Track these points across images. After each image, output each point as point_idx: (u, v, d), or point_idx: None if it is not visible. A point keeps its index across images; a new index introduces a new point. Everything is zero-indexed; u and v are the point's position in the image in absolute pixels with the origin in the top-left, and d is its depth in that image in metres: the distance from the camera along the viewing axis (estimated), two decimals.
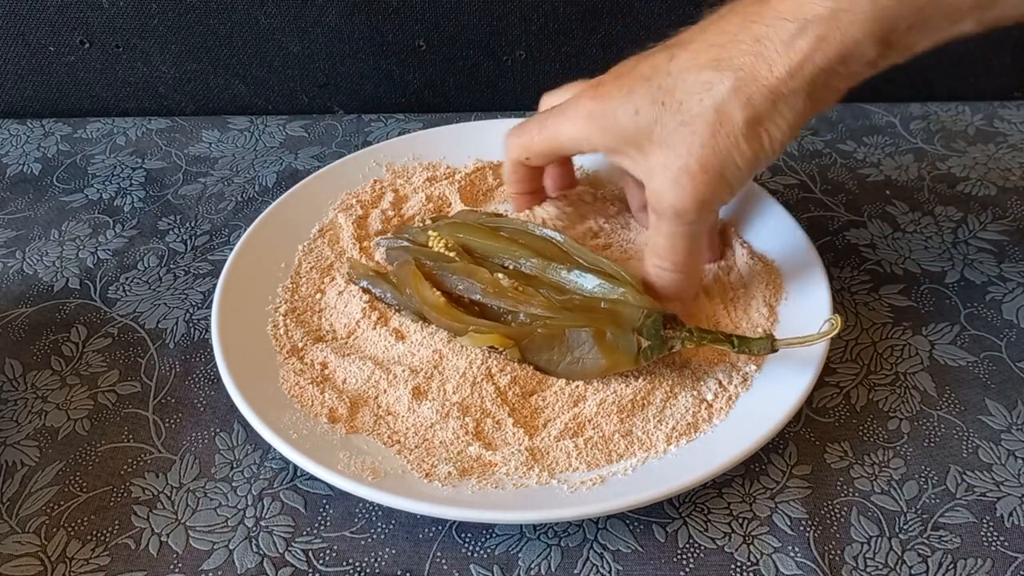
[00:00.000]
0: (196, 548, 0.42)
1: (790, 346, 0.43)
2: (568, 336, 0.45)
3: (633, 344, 0.44)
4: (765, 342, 0.43)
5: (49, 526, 0.43)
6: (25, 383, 0.50)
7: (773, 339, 0.43)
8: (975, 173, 0.64)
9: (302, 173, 0.66)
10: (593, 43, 0.70)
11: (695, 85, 0.40)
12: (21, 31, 0.70)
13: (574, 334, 0.45)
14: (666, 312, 0.45)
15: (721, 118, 0.40)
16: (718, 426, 0.44)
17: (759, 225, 0.55)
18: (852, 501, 0.43)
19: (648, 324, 0.44)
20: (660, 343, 0.44)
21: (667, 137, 0.42)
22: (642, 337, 0.44)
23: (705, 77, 0.40)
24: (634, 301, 0.45)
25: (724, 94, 0.40)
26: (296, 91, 0.74)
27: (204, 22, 0.70)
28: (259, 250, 0.54)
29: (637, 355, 0.44)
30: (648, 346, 0.44)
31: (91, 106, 0.74)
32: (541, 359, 0.46)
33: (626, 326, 0.44)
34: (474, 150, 0.62)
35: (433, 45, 0.71)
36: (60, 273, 0.58)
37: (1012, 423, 0.47)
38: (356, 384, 0.47)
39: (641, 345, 0.44)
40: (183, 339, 0.53)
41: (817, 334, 0.43)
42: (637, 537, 0.42)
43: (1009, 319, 0.52)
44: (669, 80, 0.41)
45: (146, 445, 0.47)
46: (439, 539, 0.42)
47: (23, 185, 0.66)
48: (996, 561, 0.40)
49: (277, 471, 0.45)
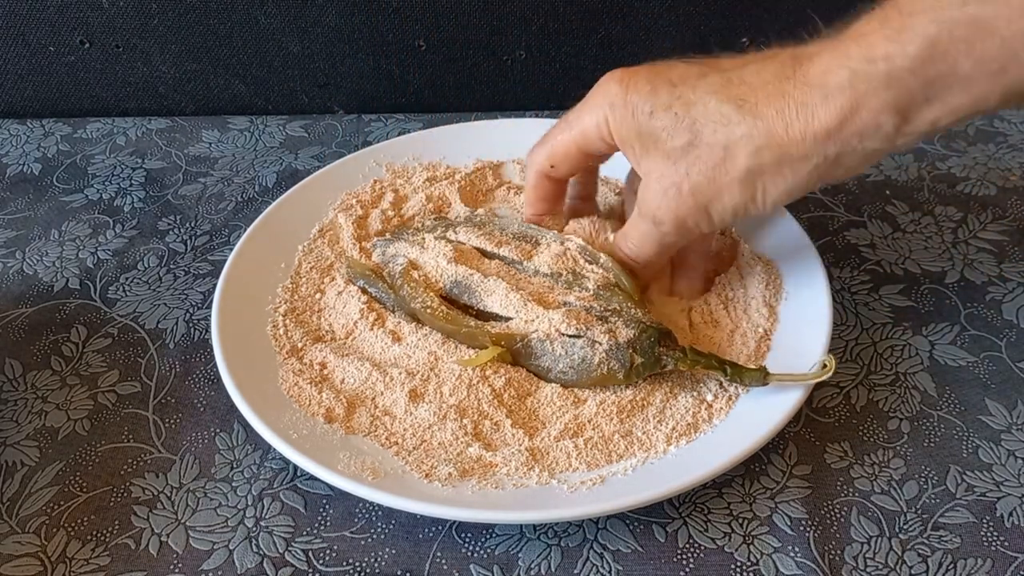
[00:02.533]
0: (196, 548, 0.42)
1: (781, 382, 0.44)
2: (561, 345, 0.45)
3: (626, 359, 0.44)
4: (758, 374, 0.43)
5: (49, 526, 0.43)
6: (25, 383, 0.50)
7: (766, 372, 0.43)
8: (975, 173, 0.64)
9: (302, 173, 0.66)
10: (593, 43, 0.70)
11: (714, 113, 0.41)
12: (21, 31, 0.70)
13: (567, 343, 0.45)
14: (661, 328, 0.45)
15: (726, 156, 0.40)
16: (718, 426, 0.44)
17: (759, 225, 0.55)
18: (852, 501, 0.43)
19: (643, 340, 0.44)
20: (653, 361, 0.44)
21: (672, 149, 0.42)
22: (635, 353, 0.44)
23: (726, 110, 0.40)
24: (631, 314, 0.45)
25: (737, 135, 0.40)
26: (296, 91, 0.74)
27: (204, 22, 0.70)
28: (259, 250, 0.54)
29: (629, 371, 0.44)
30: (641, 363, 0.44)
31: (91, 106, 0.74)
32: (531, 365, 0.46)
33: (621, 339, 0.44)
34: (474, 150, 0.62)
35: (433, 45, 0.71)
36: (60, 273, 0.58)
37: (1012, 423, 0.47)
38: (354, 384, 0.47)
39: (634, 361, 0.44)
40: (183, 339, 0.53)
41: (811, 374, 0.43)
42: (637, 537, 0.42)
43: (1009, 319, 0.52)
44: (692, 96, 0.41)
45: (146, 445, 0.47)
46: (439, 539, 0.42)
47: (23, 185, 0.66)
48: (996, 561, 0.40)
49: (277, 471, 0.45)
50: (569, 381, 0.45)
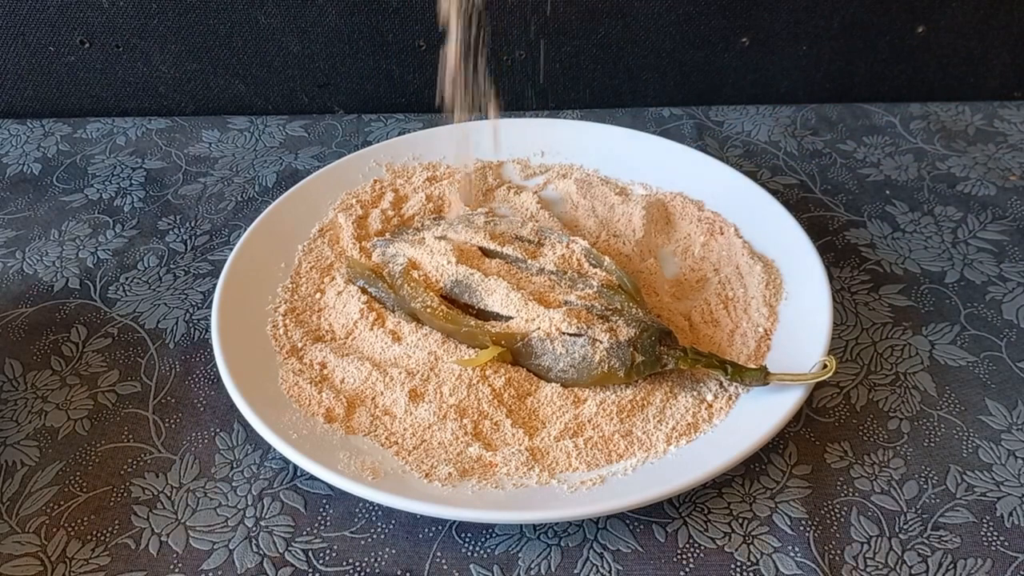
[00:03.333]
0: (196, 548, 0.42)
1: (782, 382, 0.44)
2: (562, 344, 0.45)
3: (627, 358, 0.44)
4: (758, 374, 0.44)
5: (49, 526, 0.43)
6: (25, 383, 0.50)
7: (767, 372, 0.43)
8: (975, 173, 0.64)
9: (302, 173, 0.66)
10: (593, 43, 0.70)
11: None
12: (21, 31, 0.70)
13: (568, 342, 0.45)
14: (662, 328, 0.45)
15: None
16: (718, 426, 0.44)
17: (759, 225, 0.55)
18: (852, 501, 0.43)
19: (644, 339, 0.44)
20: (653, 360, 0.44)
21: None
22: (636, 352, 0.44)
23: None
24: (632, 313, 0.45)
25: None
26: (296, 91, 0.74)
27: (204, 22, 0.70)
28: (259, 250, 0.54)
29: (630, 369, 0.44)
30: (641, 361, 0.44)
31: (91, 106, 0.74)
32: (532, 365, 0.46)
33: (622, 338, 0.44)
34: (474, 150, 0.62)
35: (433, 45, 0.71)
36: (60, 273, 0.58)
37: (1012, 423, 0.47)
38: (354, 384, 0.47)
39: (635, 360, 0.44)
40: (183, 339, 0.53)
41: (811, 374, 0.43)
42: (637, 537, 0.42)
43: (1009, 319, 0.52)
44: None
45: (146, 445, 0.47)
46: (439, 539, 0.42)
47: (23, 185, 0.66)
48: (996, 561, 0.40)
49: (277, 471, 0.45)
50: (570, 380, 0.45)
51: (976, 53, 0.72)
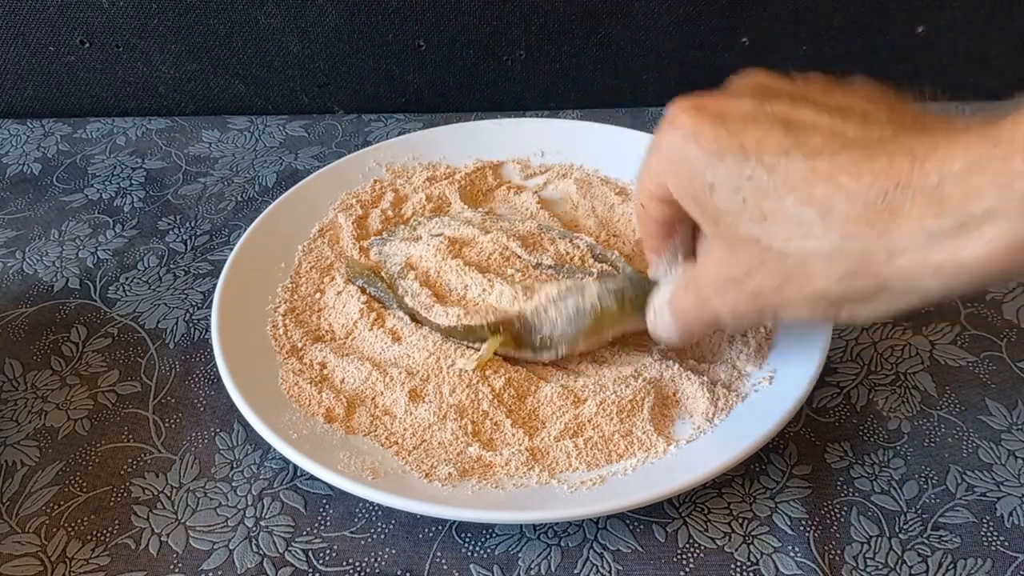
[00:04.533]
0: (196, 548, 0.42)
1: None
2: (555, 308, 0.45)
3: (618, 293, 0.44)
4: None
5: (49, 526, 0.43)
6: (25, 383, 0.50)
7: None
8: None
9: (302, 173, 0.66)
10: (593, 43, 0.70)
11: (791, 214, 0.31)
12: (21, 31, 0.70)
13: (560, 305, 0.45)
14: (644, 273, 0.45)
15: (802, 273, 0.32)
16: (718, 426, 0.44)
17: None
18: (852, 501, 0.43)
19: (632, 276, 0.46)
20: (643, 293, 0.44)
21: (735, 240, 0.34)
22: (626, 289, 0.45)
23: (808, 215, 0.31)
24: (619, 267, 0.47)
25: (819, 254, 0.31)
26: (296, 91, 0.74)
27: (204, 22, 0.70)
28: (259, 250, 0.54)
29: (623, 301, 0.44)
30: (632, 295, 0.44)
31: (91, 106, 0.74)
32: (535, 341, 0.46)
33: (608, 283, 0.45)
34: (474, 150, 0.62)
35: (433, 45, 0.71)
36: (60, 273, 0.58)
37: (1012, 423, 0.47)
38: (354, 384, 0.47)
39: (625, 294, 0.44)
40: (183, 339, 0.53)
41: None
42: (637, 537, 0.42)
43: (1009, 319, 0.52)
44: (765, 178, 0.32)
45: (146, 445, 0.47)
46: (439, 539, 0.42)
47: (23, 185, 0.66)
48: (996, 561, 0.40)
49: (277, 471, 0.45)
50: (572, 340, 0.45)
51: (976, 53, 0.72)
